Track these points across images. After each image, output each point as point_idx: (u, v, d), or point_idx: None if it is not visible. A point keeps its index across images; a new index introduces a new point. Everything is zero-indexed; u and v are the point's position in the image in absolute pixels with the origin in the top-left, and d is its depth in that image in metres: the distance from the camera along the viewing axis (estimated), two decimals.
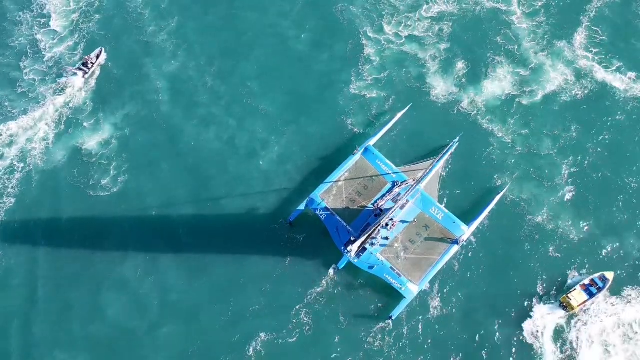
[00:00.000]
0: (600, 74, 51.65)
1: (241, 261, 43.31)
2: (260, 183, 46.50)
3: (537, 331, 40.78)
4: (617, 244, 44.13)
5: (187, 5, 55.84)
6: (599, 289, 41.57)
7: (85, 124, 49.25)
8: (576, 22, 54.62)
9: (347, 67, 51.92)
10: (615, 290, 42.23)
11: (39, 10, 55.07)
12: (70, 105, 50.18)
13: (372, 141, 46.69)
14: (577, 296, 41.15)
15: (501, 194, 45.28)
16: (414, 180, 43.24)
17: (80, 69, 50.75)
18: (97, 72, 51.59)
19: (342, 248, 40.97)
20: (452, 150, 46.77)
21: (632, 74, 51.69)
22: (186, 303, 42.01)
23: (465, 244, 43.12)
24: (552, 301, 41.79)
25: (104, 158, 47.70)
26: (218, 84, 51.57)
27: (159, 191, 46.24)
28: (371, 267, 41.19)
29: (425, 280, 41.25)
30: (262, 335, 40.64)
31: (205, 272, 43.01)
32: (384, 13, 55.04)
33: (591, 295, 41.33)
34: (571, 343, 40.50)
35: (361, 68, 51.96)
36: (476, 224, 43.49)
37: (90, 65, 50.87)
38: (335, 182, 44.09)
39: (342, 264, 42.36)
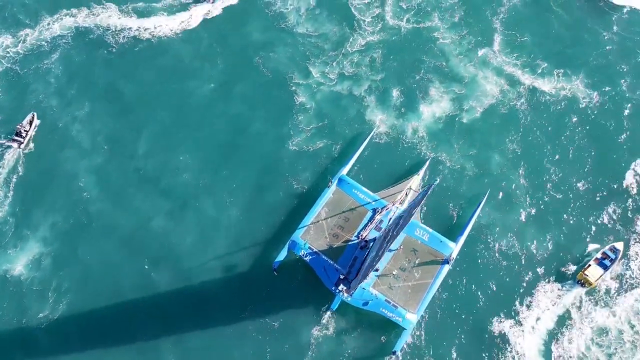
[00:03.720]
0: (529, 78, 51.60)
1: (230, 334, 40.51)
2: (220, 266, 43.27)
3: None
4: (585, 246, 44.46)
5: (98, 90, 50.43)
6: (612, 261, 42.08)
7: (9, 249, 43.59)
8: (493, 28, 54.12)
9: (282, 121, 49.10)
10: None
11: None
12: None
13: (345, 170, 44.99)
14: (593, 271, 41.62)
15: (481, 205, 44.44)
16: (393, 204, 42.25)
17: (14, 140, 46.81)
18: (33, 136, 47.57)
19: (333, 288, 39.20)
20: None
21: (559, 71, 52.34)
22: None
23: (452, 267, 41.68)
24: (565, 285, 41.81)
25: (36, 283, 42.46)
26: (149, 167, 47.34)
27: (110, 304, 41.82)
28: (366, 304, 39.52)
29: (422, 307, 39.92)
30: None
31: None
32: (307, 54, 52.69)
33: (605, 268, 41.87)
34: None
35: (297, 119, 49.48)
36: (462, 239, 42.52)
37: (24, 134, 46.81)
38: (315, 219, 42.03)
39: (335, 305, 40.22)
